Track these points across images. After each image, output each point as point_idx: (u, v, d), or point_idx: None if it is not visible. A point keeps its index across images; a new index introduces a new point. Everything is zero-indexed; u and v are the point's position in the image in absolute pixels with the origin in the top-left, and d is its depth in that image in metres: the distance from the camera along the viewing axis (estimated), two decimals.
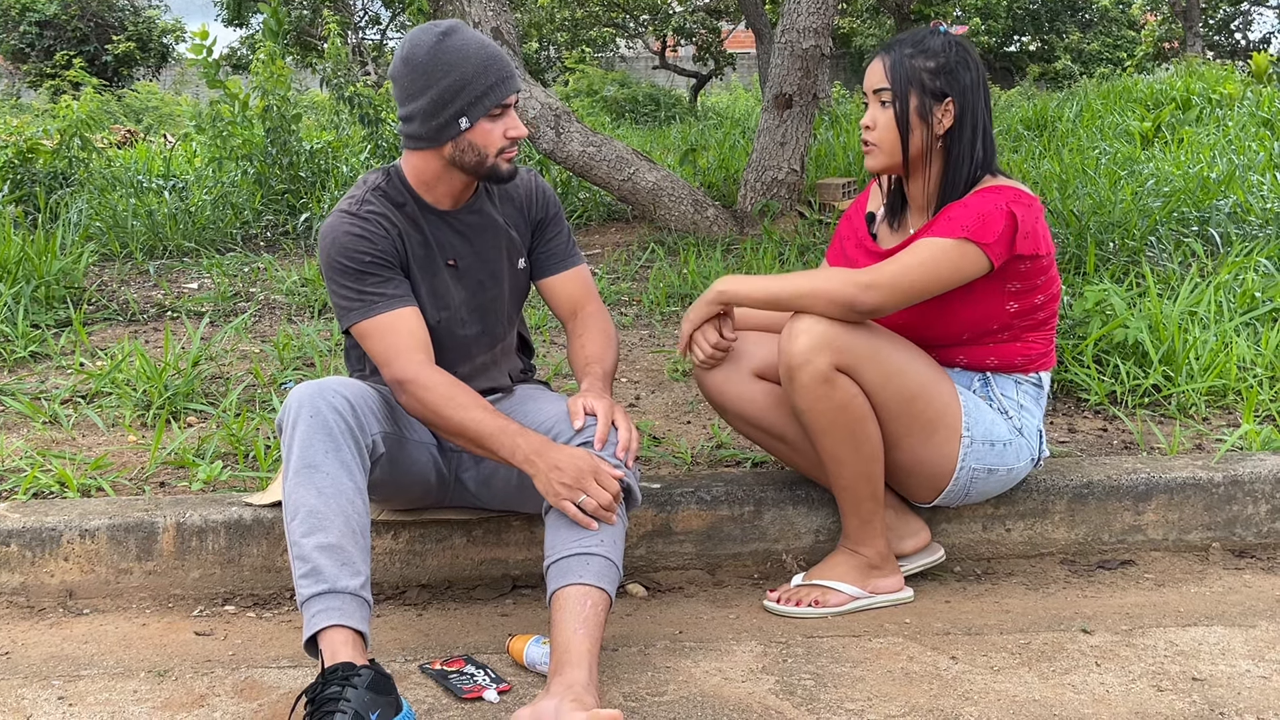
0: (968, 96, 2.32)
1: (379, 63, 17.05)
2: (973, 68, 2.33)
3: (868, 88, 2.37)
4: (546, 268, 2.47)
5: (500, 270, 2.39)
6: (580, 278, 2.49)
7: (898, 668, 2.16)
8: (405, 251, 2.27)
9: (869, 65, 2.39)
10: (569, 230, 2.50)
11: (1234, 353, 3.42)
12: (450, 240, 2.33)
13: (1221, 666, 2.15)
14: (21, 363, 3.84)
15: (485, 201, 2.38)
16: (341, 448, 2.05)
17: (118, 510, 2.53)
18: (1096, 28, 27.09)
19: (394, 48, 21.39)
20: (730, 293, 2.35)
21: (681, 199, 6.15)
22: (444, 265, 2.32)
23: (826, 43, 6.21)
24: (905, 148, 2.34)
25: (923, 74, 2.31)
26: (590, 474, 2.08)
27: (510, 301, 2.45)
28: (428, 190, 2.30)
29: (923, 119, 2.32)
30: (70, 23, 23.63)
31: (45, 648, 2.30)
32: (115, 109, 17.08)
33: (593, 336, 2.43)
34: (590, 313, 2.46)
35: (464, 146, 2.22)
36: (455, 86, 2.17)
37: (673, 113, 18.90)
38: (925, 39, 2.34)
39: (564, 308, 2.48)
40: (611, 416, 2.19)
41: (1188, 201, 5.50)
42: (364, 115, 7.60)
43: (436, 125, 2.19)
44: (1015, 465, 2.44)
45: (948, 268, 2.25)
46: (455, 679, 2.10)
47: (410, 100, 2.20)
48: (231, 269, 5.37)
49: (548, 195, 2.47)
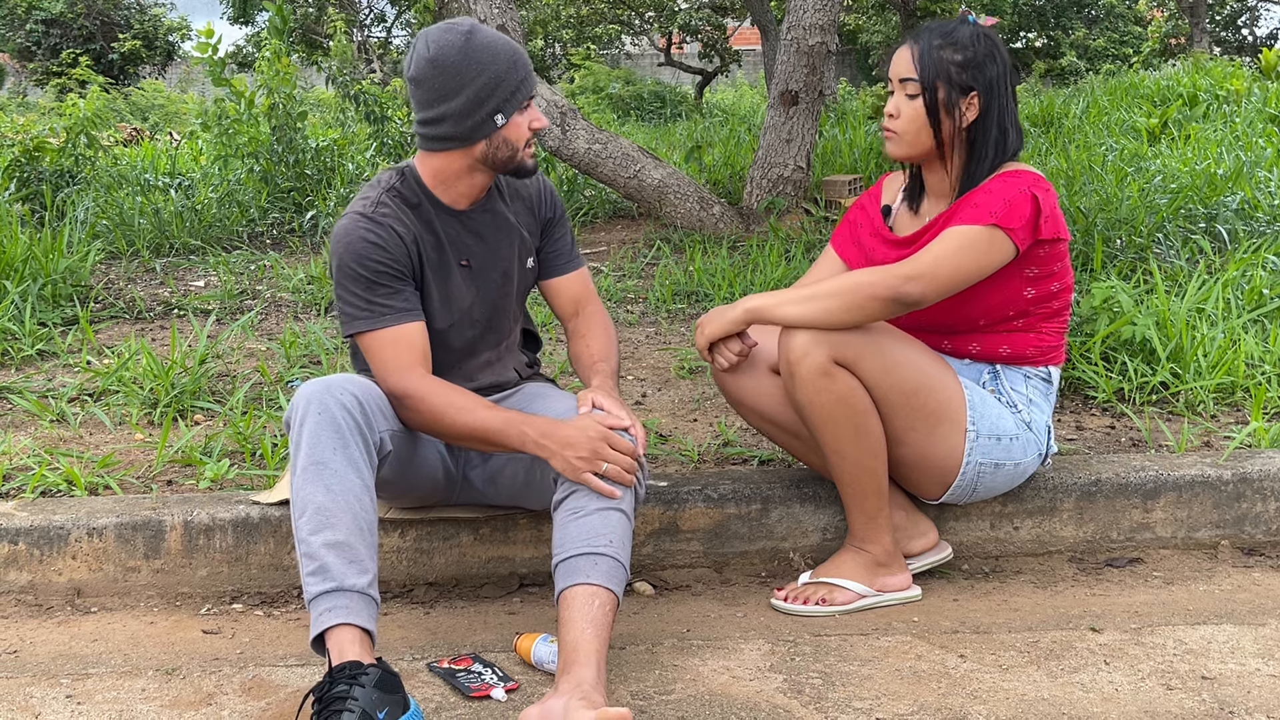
0: (993, 90, 2.34)
1: (384, 60, 17.05)
2: (999, 61, 2.35)
3: (893, 75, 2.38)
4: (553, 268, 2.48)
5: (512, 269, 2.39)
6: (582, 279, 2.51)
7: (906, 666, 2.16)
8: (419, 257, 2.28)
9: (896, 52, 2.40)
10: (572, 231, 2.52)
11: (1242, 350, 3.41)
12: (464, 240, 2.33)
13: (1231, 665, 2.15)
14: (29, 361, 3.84)
15: (497, 200, 2.38)
16: (349, 445, 2.05)
17: (125, 508, 2.54)
18: (1102, 24, 27.02)
19: (400, 45, 21.39)
20: (758, 309, 2.32)
21: (687, 196, 6.14)
22: (457, 265, 2.32)
23: (832, 39, 6.19)
24: (929, 139, 2.36)
25: (950, 66, 2.32)
26: (602, 440, 2.11)
27: (520, 300, 2.46)
28: (445, 190, 2.30)
29: (948, 112, 2.34)
30: (76, 21, 23.65)
31: (53, 646, 2.30)
32: (121, 107, 17.11)
33: (596, 335, 2.44)
34: (591, 312, 2.49)
35: (498, 143, 2.23)
36: (490, 84, 2.18)
37: (678, 110, 18.89)
38: (955, 30, 2.35)
39: (566, 308, 2.49)
40: (621, 413, 2.20)
41: (1195, 198, 5.48)
42: (369, 113, 7.60)
43: (472, 124, 2.20)
44: (1023, 460, 2.43)
45: (981, 253, 2.26)
46: (463, 677, 2.09)
47: (442, 101, 2.19)
48: (238, 267, 5.37)
49: (554, 195, 2.48)
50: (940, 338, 2.44)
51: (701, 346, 2.42)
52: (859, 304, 2.24)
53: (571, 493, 2.13)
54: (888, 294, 2.23)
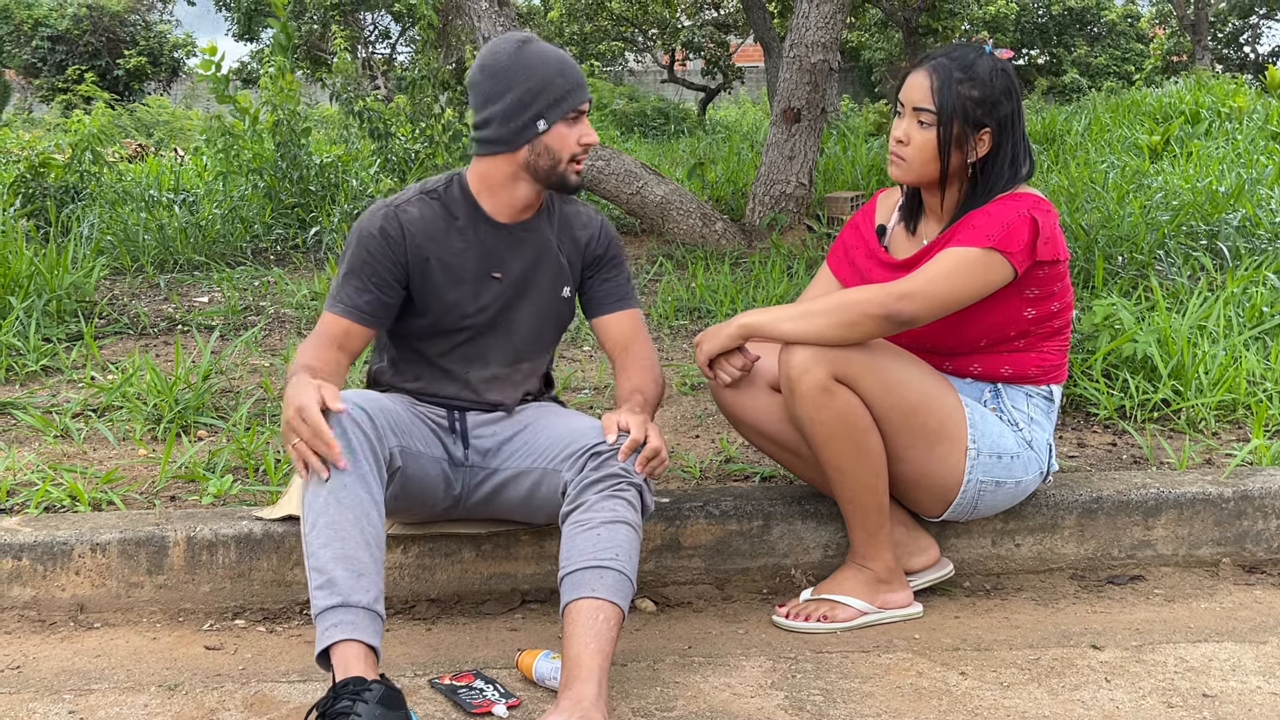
0: (1005, 127, 2.33)
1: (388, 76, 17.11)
2: (1014, 98, 2.34)
3: (907, 101, 2.36)
4: (604, 305, 2.48)
5: (543, 290, 2.40)
6: (633, 319, 2.49)
7: (907, 683, 2.16)
8: (427, 259, 2.31)
9: (912, 75, 2.37)
10: (629, 275, 2.52)
11: (1243, 367, 3.42)
12: (500, 252, 2.36)
13: (1232, 683, 2.15)
14: (33, 376, 3.85)
15: (544, 222, 2.40)
16: (360, 461, 2.06)
17: (128, 524, 2.54)
18: (1104, 41, 27.10)
19: (403, 62, 21.48)
20: (753, 325, 2.34)
21: (690, 212, 6.16)
22: (488, 276, 2.35)
23: (835, 57, 6.22)
24: (936, 169, 2.34)
25: (967, 102, 2.30)
26: (295, 414, 2.03)
27: (546, 325, 2.44)
28: (490, 197, 2.34)
29: (959, 146, 2.33)
30: (82, 38, 23.76)
31: (56, 661, 2.30)
32: (126, 123, 17.15)
33: (640, 369, 2.44)
34: (638, 349, 2.47)
35: (540, 150, 2.26)
36: (535, 89, 2.22)
37: (681, 126, 18.95)
38: (974, 63, 2.33)
39: (615, 344, 2.49)
40: (645, 432, 2.20)
41: (1196, 215, 5.49)
42: (373, 129, 7.63)
43: (515, 128, 2.24)
44: (1024, 478, 2.44)
45: (976, 277, 2.26)
46: (464, 694, 2.10)
47: (488, 104, 2.25)
48: (242, 282, 5.39)
49: (610, 238, 2.48)
50: (941, 359, 2.44)
51: (702, 363, 2.43)
52: (852, 321, 2.24)
53: (579, 505, 2.14)
54: (880, 312, 2.24)
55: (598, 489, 2.15)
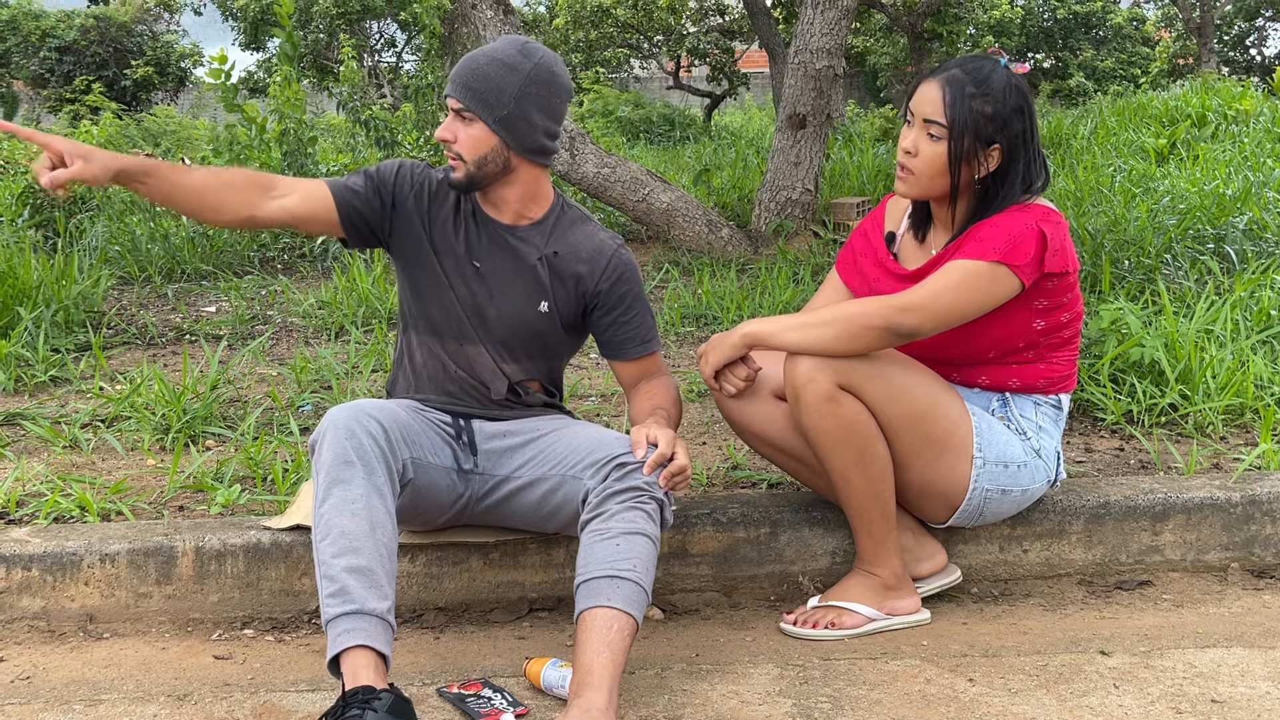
0: (1016, 144, 2.30)
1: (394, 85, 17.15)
2: (1027, 115, 2.30)
3: (917, 112, 2.31)
4: (624, 349, 2.46)
5: (515, 298, 2.39)
6: (655, 363, 2.49)
7: (915, 690, 2.16)
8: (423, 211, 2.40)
9: (923, 86, 2.32)
10: (648, 315, 2.47)
11: (1251, 371, 3.41)
12: (484, 244, 2.39)
13: (1241, 688, 2.14)
14: (42, 387, 3.87)
15: (536, 234, 2.40)
16: (374, 470, 2.07)
17: (137, 534, 2.55)
18: (1110, 44, 27.08)
19: (409, 70, 21.51)
20: (757, 335, 2.34)
21: (696, 219, 6.16)
22: (469, 262, 2.39)
23: (840, 63, 6.23)
24: (944, 184, 2.32)
25: (979, 117, 2.27)
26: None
27: (520, 335, 2.40)
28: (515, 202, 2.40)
29: (968, 161, 2.29)
30: (89, 48, 23.84)
31: (66, 672, 2.31)
32: (134, 133, 17.20)
33: (658, 392, 2.44)
34: (658, 380, 2.48)
35: None
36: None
37: (687, 133, 18.97)
38: (989, 76, 2.29)
39: (629, 383, 2.50)
40: (673, 446, 2.20)
41: (1203, 219, 5.48)
42: (380, 138, 7.66)
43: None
44: (1030, 486, 2.44)
45: (981, 290, 2.25)
46: (473, 702, 2.10)
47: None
48: (249, 292, 5.40)
49: (620, 273, 2.42)
50: (949, 370, 2.43)
51: (707, 375, 2.43)
52: (854, 333, 2.24)
53: (599, 514, 2.15)
54: (882, 324, 2.23)
55: (620, 499, 2.15)
